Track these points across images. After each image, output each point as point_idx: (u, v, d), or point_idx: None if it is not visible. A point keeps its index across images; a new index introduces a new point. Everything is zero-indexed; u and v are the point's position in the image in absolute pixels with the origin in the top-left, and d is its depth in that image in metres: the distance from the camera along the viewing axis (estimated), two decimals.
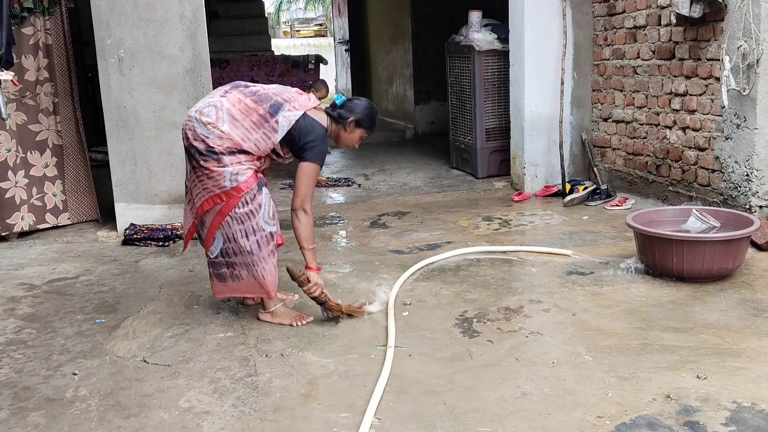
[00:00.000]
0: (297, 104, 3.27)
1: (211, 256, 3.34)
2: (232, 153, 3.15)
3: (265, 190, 3.26)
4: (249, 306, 3.56)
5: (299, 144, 3.23)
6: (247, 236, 3.22)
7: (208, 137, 3.13)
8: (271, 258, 3.30)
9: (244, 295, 3.42)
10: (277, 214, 3.37)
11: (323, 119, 3.34)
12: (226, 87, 3.32)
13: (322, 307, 3.33)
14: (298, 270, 3.24)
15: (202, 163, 3.15)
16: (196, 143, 3.15)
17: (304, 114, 3.25)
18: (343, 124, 3.36)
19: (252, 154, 3.20)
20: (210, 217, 3.24)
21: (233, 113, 3.17)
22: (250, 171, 3.19)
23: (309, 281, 3.25)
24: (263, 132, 3.18)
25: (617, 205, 5.29)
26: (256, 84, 3.38)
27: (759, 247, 4.05)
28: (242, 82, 3.38)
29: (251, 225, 3.21)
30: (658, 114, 5.18)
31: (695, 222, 3.82)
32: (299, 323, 3.34)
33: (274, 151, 3.28)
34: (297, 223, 3.24)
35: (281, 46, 17.88)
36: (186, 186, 3.38)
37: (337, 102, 3.39)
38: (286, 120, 3.20)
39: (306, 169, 3.22)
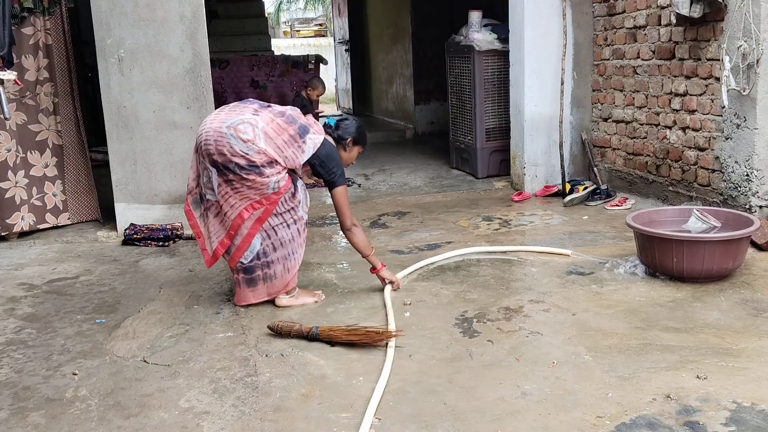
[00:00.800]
0: (317, 129, 3.52)
1: (245, 262, 3.48)
2: (270, 164, 3.33)
3: (299, 183, 3.52)
4: (249, 306, 3.56)
5: (325, 170, 3.47)
6: (288, 226, 3.48)
7: (248, 153, 3.28)
8: (304, 245, 3.61)
9: (272, 296, 3.57)
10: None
11: (333, 142, 3.60)
12: (254, 106, 3.46)
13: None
14: (284, 324, 3.20)
15: (244, 175, 3.31)
16: (235, 159, 3.29)
17: (325, 139, 3.50)
18: (343, 144, 3.63)
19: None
20: (248, 224, 3.42)
21: (267, 131, 3.34)
22: (287, 175, 3.42)
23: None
24: (292, 150, 3.38)
25: (617, 205, 5.29)
26: (273, 105, 3.54)
27: (759, 247, 4.05)
28: (262, 102, 3.54)
29: (292, 216, 3.48)
30: (658, 114, 5.18)
31: (696, 222, 3.82)
32: (318, 300, 3.62)
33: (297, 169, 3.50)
34: (354, 238, 3.58)
35: (281, 46, 17.87)
36: (202, 197, 3.49)
37: (331, 125, 3.65)
38: (312, 142, 3.43)
39: (340, 193, 3.52)
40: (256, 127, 3.31)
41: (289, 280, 3.55)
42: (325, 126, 3.63)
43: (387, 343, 3.00)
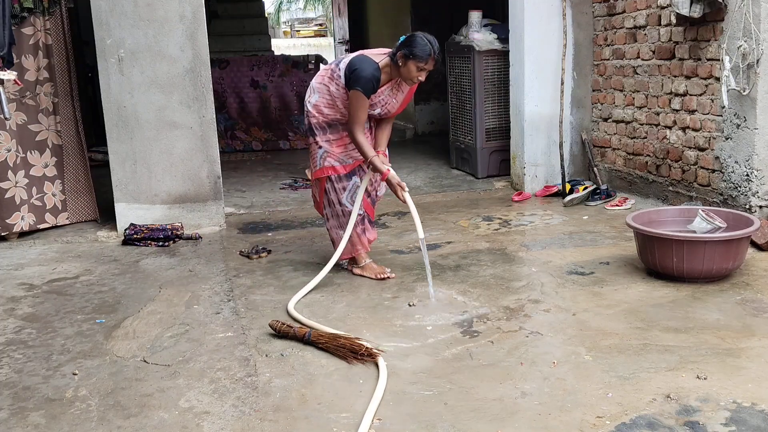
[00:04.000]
0: (357, 53, 3.77)
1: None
2: (323, 128, 3.81)
3: (354, 179, 3.89)
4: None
5: (348, 78, 3.66)
6: (333, 205, 3.94)
7: (309, 111, 3.84)
8: (355, 228, 3.91)
9: (344, 256, 3.99)
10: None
11: (378, 59, 3.69)
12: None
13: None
14: (278, 323, 3.19)
15: (307, 141, 3.96)
16: (306, 120, 3.90)
17: (359, 54, 3.74)
18: (394, 61, 3.66)
19: (339, 129, 3.80)
20: (316, 191, 4.02)
21: (316, 81, 3.83)
22: (335, 161, 3.83)
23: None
24: (335, 83, 3.74)
25: (617, 205, 5.29)
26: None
27: (759, 247, 4.06)
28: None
29: (336, 198, 3.91)
30: (658, 114, 5.18)
31: (701, 222, 3.81)
32: (380, 276, 3.91)
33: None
34: (354, 142, 3.73)
35: (281, 46, 17.89)
36: None
37: (399, 43, 3.68)
38: (344, 64, 3.72)
39: (351, 98, 3.67)
40: (311, 86, 3.86)
41: (345, 251, 3.93)
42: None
43: (364, 358, 2.87)
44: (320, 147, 3.82)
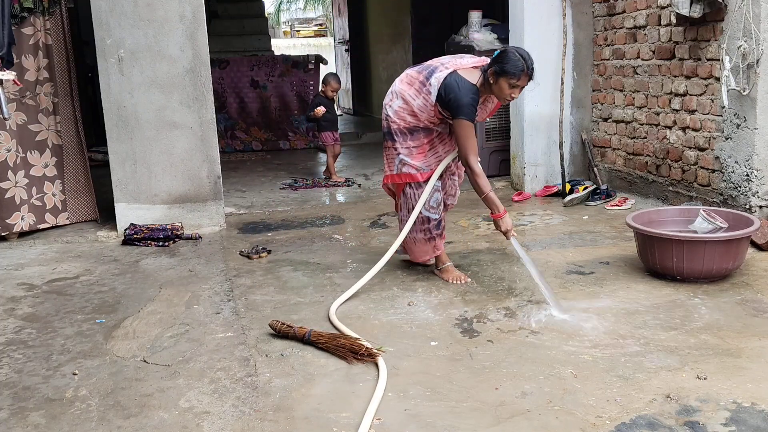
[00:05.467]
0: (450, 65, 3.55)
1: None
2: (404, 134, 3.67)
3: (432, 184, 3.68)
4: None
5: (449, 104, 3.48)
6: (408, 212, 3.77)
7: (388, 116, 3.71)
8: (424, 234, 3.83)
9: (416, 260, 3.99)
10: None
11: (474, 77, 3.52)
12: (409, 70, 3.74)
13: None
14: (278, 323, 3.18)
15: (384, 143, 3.79)
16: (384, 123, 3.76)
17: (453, 72, 3.50)
18: (485, 78, 3.50)
19: (421, 136, 3.66)
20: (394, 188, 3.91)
21: (402, 88, 3.65)
22: (413, 170, 3.70)
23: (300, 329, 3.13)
24: (423, 97, 3.57)
25: (617, 205, 5.29)
26: (435, 60, 3.69)
27: (759, 247, 4.06)
28: (430, 63, 3.69)
29: (413, 205, 3.74)
30: (658, 114, 5.18)
31: (702, 222, 3.81)
32: (457, 282, 3.78)
33: (443, 116, 3.60)
34: (470, 176, 3.58)
35: (281, 46, 17.87)
36: None
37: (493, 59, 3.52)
38: (436, 80, 3.50)
39: (457, 125, 3.50)
40: (393, 91, 3.69)
41: (418, 256, 3.92)
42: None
43: (364, 358, 2.87)
44: (399, 153, 3.72)
